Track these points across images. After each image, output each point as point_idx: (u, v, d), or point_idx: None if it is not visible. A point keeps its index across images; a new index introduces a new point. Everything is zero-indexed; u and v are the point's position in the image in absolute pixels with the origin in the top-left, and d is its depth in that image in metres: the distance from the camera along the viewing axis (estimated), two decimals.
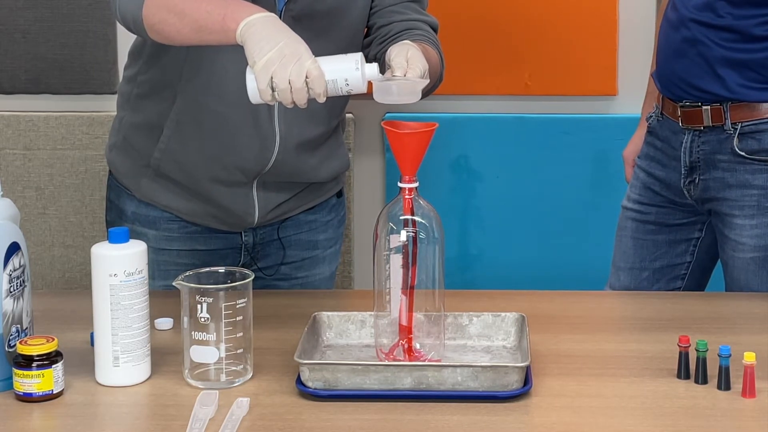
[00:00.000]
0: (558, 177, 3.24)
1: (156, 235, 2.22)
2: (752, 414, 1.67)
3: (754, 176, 2.30)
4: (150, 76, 2.18)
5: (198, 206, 2.22)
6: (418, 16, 2.18)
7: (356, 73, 1.81)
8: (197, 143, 2.16)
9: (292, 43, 1.79)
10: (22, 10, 3.27)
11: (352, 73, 1.81)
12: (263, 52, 1.78)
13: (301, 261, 2.33)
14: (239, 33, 1.82)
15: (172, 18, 1.91)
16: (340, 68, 1.82)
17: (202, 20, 1.87)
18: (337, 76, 1.81)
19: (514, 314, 1.91)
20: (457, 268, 3.26)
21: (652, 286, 2.46)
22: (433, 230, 1.77)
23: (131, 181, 2.25)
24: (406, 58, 1.89)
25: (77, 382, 1.77)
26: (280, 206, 2.25)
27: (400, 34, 2.12)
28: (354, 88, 1.82)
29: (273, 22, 1.83)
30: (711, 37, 2.28)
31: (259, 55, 1.78)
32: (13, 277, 1.75)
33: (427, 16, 2.20)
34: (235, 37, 1.83)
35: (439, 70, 2.12)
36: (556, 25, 3.21)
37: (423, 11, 2.20)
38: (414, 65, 1.88)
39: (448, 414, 1.66)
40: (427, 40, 2.12)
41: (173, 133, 2.16)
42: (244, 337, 1.76)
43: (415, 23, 2.15)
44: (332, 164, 2.28)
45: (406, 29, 2.13)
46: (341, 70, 1.81)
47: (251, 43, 1.80)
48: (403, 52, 1.90)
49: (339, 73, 1.81)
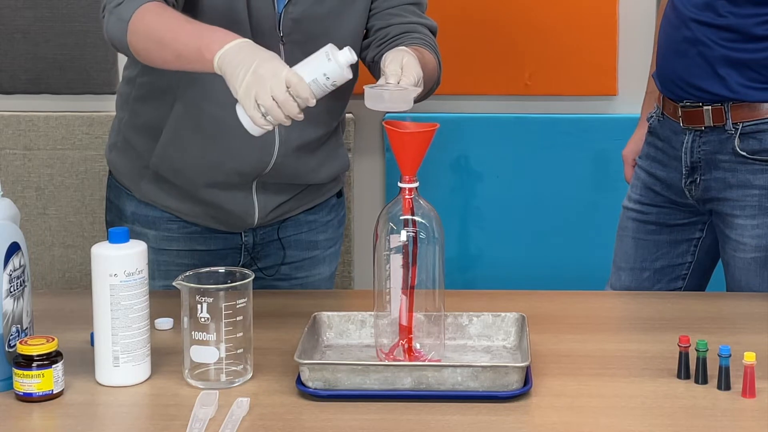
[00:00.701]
0: (558, 177, 3.24)
1: (156, 235, 2.22)
2: (752, 414, 1.67)
3: (756, 176, 2.30)
4: (149, 79, 2.17)
5: (198, 208, 2.22)
6: (418, 19, 2.18)
7: (332, 65, 1.81)
8: (196, 149, 2.16)
9: (265, 61, 1.80)
10: (22, 10, 3.27)
11: (328, 66, 1.81)
12: (239, 79, 1.79)
13: (301, 261, 2.33)
14: (216, 66, 1.83)
15: (154, 46, 1.93)
16: (315, 66, 1.82)
17: (181, 51, 1.89)
18: (316, 75, 1.81)
19: (514, 314, 1.91)
20: (457, 268, 3.26)
21: (652, 286, 2.46)
22: (434, 230, 1.77)
23: (131, 181, 2.25)
24: (401, 65, 1.89)
25: (77, 382, 1.77)
26: (280, 207, 2.25)
27: (398, 38, 2.12)
28: (336, 79, 1.82)
29: (246, 47, 1.83)
30: (712, 37, 2.28)
31: (237, 84, 1.80)
32: (13, 277, 1.75)
33: (426, 19, 2.19)
34: (213, 69, 1.84)
35: (435, 74, 2.12)
36: (556, 25, 3.21)
37: (422, 14, 2.20)
38: (408, 73, 1.88)
39: (448, 414, 1.66)
40: (425, 44, 2.12)
41: (171, 139, 2.16)
42: (244, 337, 1.76)
43: (413, 26, 2.15)
44: (332, 165, 2.28)
45: (405, 32, 2.13)
46: (317, 67, 1.81)
47: (228, 74, 1.81)
48: (398, 59, 1.90)
49: (316, 71, 1.81)
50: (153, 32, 1.92)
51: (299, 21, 2.07)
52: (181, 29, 1.90)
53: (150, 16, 1.93)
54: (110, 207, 2.31)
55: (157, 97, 2.17)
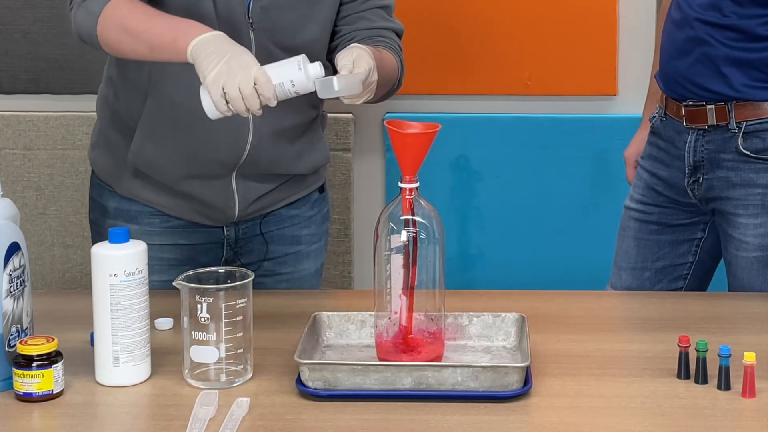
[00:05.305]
0: (558, 177, 3.24)
1: (137, 230, 2.22)
2: (752, 414, 1.67)
3: (759, 175, 2.30)
4: (121, 77, 2.22)
5: (178, 201, 2.25)
6: (384, 23, 2.23)
7: (300, 74, 1.89)
8: (171, 142, 2.19)
9: (238, 54, 1.89)
10: (22, 10, 3.27)
11: (296, 74, 1.90)
12: (211, 66, 1.88)
13: (284, 256, 2.34)
14: (189, 53, 1.93)
15: (125, 38, 2.03)
16: (284, 71, 1.90)
17: (154, 41, 1.99)
18: (283, 79, 1.89)
19: (514, 314, 1.91)
20: (457, 268, 3.26)
21: (654, 286, 2.46)
22: (434, 230, 1.77)
23: (112, 178, 2.28)
24: (353, 58, 1.96)
25: (77, 382, 1.77)
26: (261, 199, 2.27)
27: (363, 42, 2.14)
28: (301, 88, 1.91)
29: (220, 39, 1.93)
30: (716, 37, 2.28)
31: (207, 70, 1.89)
32: (13, 277, 1.75)
33: (393, 22, 2.25)
34: (186, 57, 1.93)
35: (395, 75, 2.19)
36: (556, 25, 3.20)
37: (389, 17, 2.26)
38: (360, 64, 1.95)
39: (448, 414, 1.66)
40: (388, 46, 2.19)
41: (146, 134, 2.20)
42: (244, 337, 1.76)
43: (379, 31, 2.21)
44: (311, 156, 2.30)
45: (370, 37, 2.19)
46: (286, 73, 1.90)
47: (200, 60, 1.90)
48: (349, 54, 1.97)
49: (284, 76, 1.90)
50: (126, 24, 2.02)
51: (268, 9, 2.12)
52: (154, 21, 2.01)
53: (122, 10, 2.03)
54: (93, 206, 2.34)
55: (130, 94, 2.21)
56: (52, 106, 3.32)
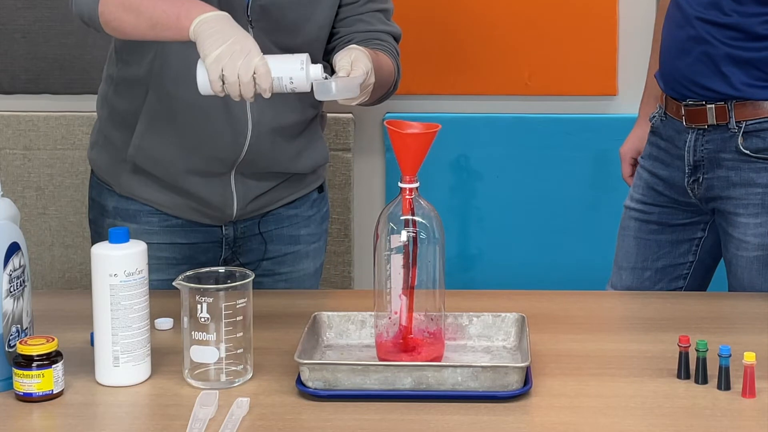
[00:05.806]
0: (558, 177, 3.24)
1: (136, 229, 2.22)
2: (752, 414, 1.67)
3: (759, 174, 2.30)
4: (122, 72, 2.22)
5: (177, 198, 2.25)
6: (383, 26, 2.23)
7: (300, 73, 1.89)
8: (171, 136, 2.19)
9: (242, 39, 1.88)
10: (22, 10, 3.27)
11: (297, 73, 1.90)
12: (214, 46, 1.88)
13: (283, 256, 2.34)
14: (192, 29, 1.92)
15: (127, 15, 2.01)
16: (286, 67, 1.90)
17: (157, 18, 1.97)
18: (282, 74, 1.89)
19: (514, 314, 1.91)
20: (457, 268, 3.26)
21: (654, 286, 2.46)
22: (434, 230, 1.77)
23: (111, 176, 2.28)
24: (351, 60, 1.96)
25: (77, 382, 1.77)
26: (260, 198, 2.27)
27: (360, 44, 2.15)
28: (298, 86, 1.91)
29: (225, 19, 1.92)
30: (716, 36, 2.28)
31: (210, 49, 1.88)
32: (13, 277, 1.75)
33: (391, 26, 2.26)
34: (188, 33, 1.92)
35: (392, 78, 2.19)
36: (556, 25, 3.20)
37: (388, 21, 2.26)
38: (357, 66, 1.95)
39: (448, 414, 1.66)
40: (385, 49, 2.19)
41: (146, 129, 2.20)
42: (244, 337, 1.76)
43: (377, 34, 2.22)
44: (310, 155, 2.30)
45: (367, 39, 2.19)
46: (287, 69, 1.90)
47: (203, 38, 1.89)
48: (348, 55, 1.97)
49: (284, 71, 1.90)
50: (128, 1, 2.00)
51: (267, 8, 2.12)
52: None
53: None
54: (93, 205, 2.34)
55: (131, 89, 2.21)
56: (52, 106, 3.32)
